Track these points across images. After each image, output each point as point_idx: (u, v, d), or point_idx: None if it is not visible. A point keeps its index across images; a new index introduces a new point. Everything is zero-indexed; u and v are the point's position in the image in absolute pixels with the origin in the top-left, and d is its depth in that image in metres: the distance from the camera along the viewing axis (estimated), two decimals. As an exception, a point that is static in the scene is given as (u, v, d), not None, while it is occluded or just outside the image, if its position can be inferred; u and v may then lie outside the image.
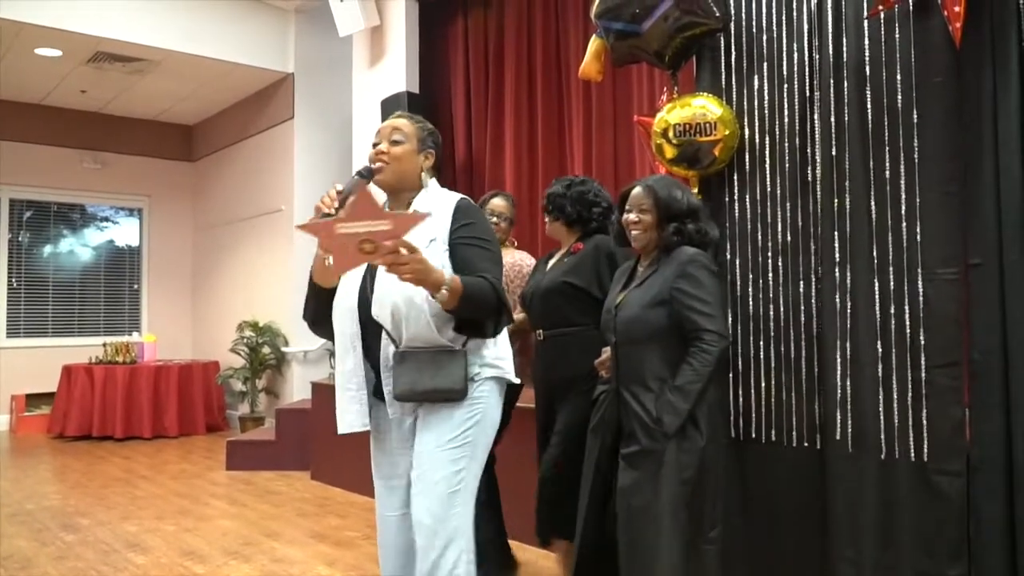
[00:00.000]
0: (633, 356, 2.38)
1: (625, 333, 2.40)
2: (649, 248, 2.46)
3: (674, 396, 2.25)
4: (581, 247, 2.96)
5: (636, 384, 2.36)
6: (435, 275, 1.82)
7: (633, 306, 2.38)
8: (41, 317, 8.24)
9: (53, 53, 6.48)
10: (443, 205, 2.09)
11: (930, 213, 2.37)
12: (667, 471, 2.25)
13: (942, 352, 2.33)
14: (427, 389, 1.98)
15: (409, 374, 1.98)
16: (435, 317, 1.95)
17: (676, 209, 2.40)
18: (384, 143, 2.13)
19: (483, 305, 1.93)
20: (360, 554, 3.83)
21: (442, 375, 1.97)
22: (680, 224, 2.40)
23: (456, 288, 1.85)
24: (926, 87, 2.38)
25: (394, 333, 2.01)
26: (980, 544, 2.24)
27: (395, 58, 5.85)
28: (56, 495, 5.11)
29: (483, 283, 1.93)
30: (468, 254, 2.01)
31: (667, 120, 2.82)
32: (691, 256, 2.34)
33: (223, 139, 8.30)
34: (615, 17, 2.86)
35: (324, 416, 5.46)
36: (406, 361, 1.99)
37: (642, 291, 2.39)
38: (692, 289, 2.29)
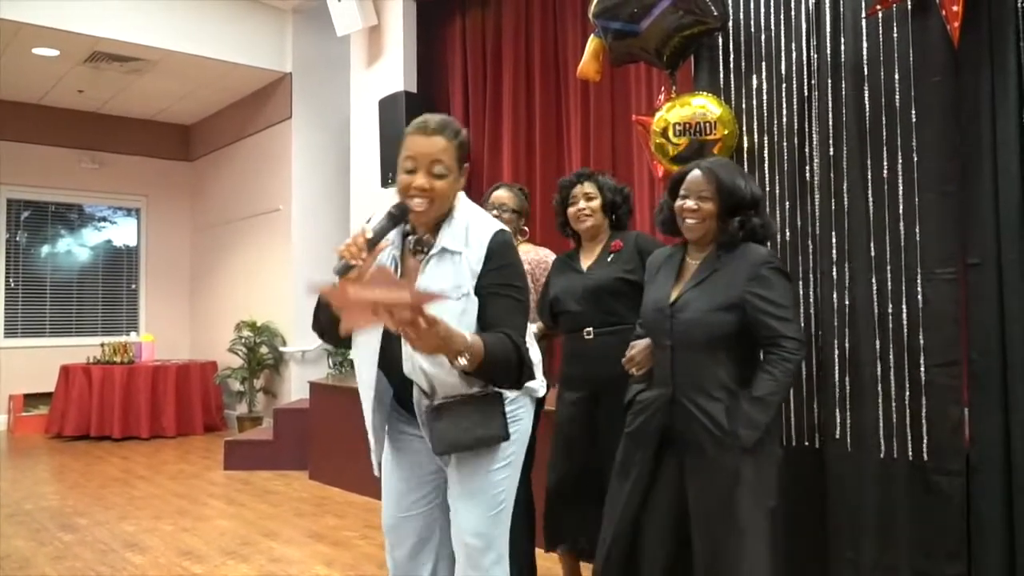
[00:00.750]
0: (693, 362, 2.16)
1: (686, 337, 2.17)
2: (705, 240, 2.23)
3: (753, 408, 2.07)
4: (621, 244, 2.83)
5: (697, 392, 2.14)
6: (455, 343, 1.64)
7: (695, 308, 2.16)
8: (39, 317, 8.23)
9: (51, 53, 6.47)
10: (477, 239, 1.87)
11: (928, 213, 2.37)
12: (746, 489, 2.08)
13: (941, 351, 2.34)
14: (473, 440, 1.88)
15: (450, 430, 1.87)
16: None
17: (739, 199, 2.17)
18: (422, 176, 1.80)
19: (504, 367, 1.78)
20: (358, 554, 3.82)
21: (483, 425, 1.87)
22: (745, 217, 2.18)
23: (477, 353, 1.69)
24: (924, 87, 2.38)
25: (427, 389, 1.89)
26: (979, 543, 2.25)
27: (393, 58, 5.85)
28: (54, 495, 5.11)
29: (506, 344, 1.77)
30: (496, 308, 1.83)
31: (667, 119, 2.82)
32: (764, 257, 2.15)
33: (221, 139, 8.29)
34: (613, 17, 2.87)
35: (322, 416, 5.48)
36: (443, 417, 1.87)
37: (705, 292, 2.16)
38: (768, 293, 2.10)
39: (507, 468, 1.99)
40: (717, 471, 2.10)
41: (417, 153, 1.82)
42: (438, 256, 1.87)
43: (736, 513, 2.08)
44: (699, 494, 2.14)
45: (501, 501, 1.98)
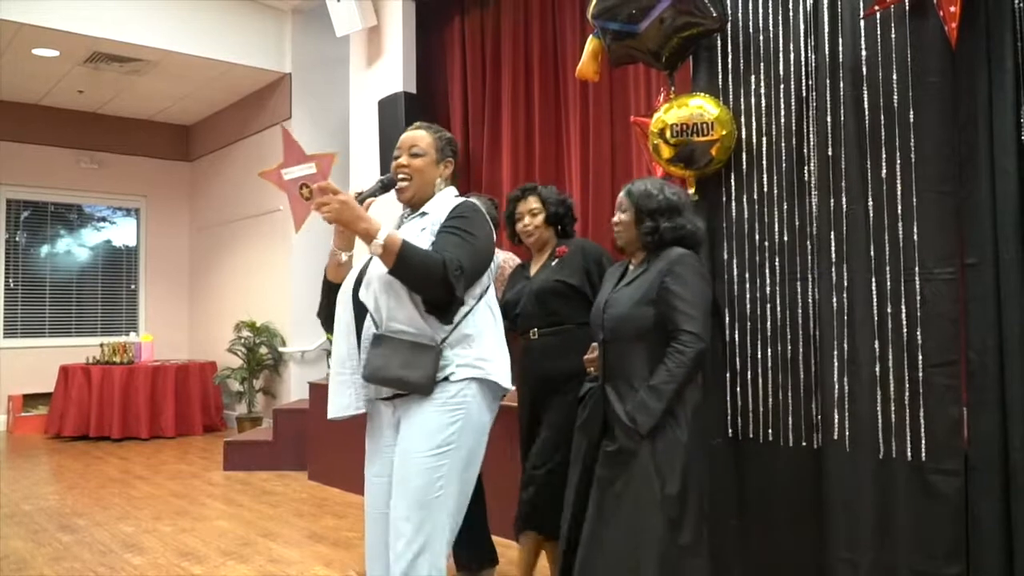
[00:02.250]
0: (620, 354, 2.39)
1: (613, 331, 2.40)
2: (632, 247, 2.49)
3: (647, 395, 2.25)
4: (566, 250, 3.02)
5: (622, 382, 2.36)
6: (364, 223, 1.90)
7: (622, 304, 2.39)
8: (38, 317, 8.23)
9: (50, 53, 6.47)
10: (445, 206, 2.15)
11: (926, 213, 2.37)
12: (640, 471, 2.24)
13: (939, 351, 2.34)
14: (393, 377, 1.99)
15: (380, 358, 2.00)
16: (413, 299, 1.99)
17: (649, 207, 2.41)
18: (404, 156, 2.18)
19: (423, 274, 1.94)
20: (357, 554, 3.82)
21: (411, 367, 1.97)
22: (653, 222, 2.40)
23: (393, 245, 1.89)
24: (922, 87, 2.38)
25: (376, 315, 2.06)
26: (977, 543, 2.25)
27: (392, 58, 5.85)
28: (53, 495, 5.11)
29: (432, 255, 1.95)
30: (440, 239, 2.03)
31: (664, 120, 2.82)
32: (679, 256, 2.36)
33: (220, 139, 8.29)
34: (612, 17, 2.87)
35: (321, 416, 5.43)
36: (381, 345, 2.02)
37: (631, 289, 2.40)
38: (676, 287, 2.30)
39: (448, 454, 1.99)
40: (620, 455, 2.30)
41: (400, 142, 2.22)
42: (417, 217, 2.17)
43: (622, 494, 2.26)
44: (603, 474, 2.34)
45: (439, 488, 1.98)
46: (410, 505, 1.97)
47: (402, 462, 2.02)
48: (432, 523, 1.97)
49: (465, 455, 2.04)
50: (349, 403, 2.10)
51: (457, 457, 2.01)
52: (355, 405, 2.11)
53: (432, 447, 1.99)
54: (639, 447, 2.26)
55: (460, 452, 2.02)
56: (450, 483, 2.00)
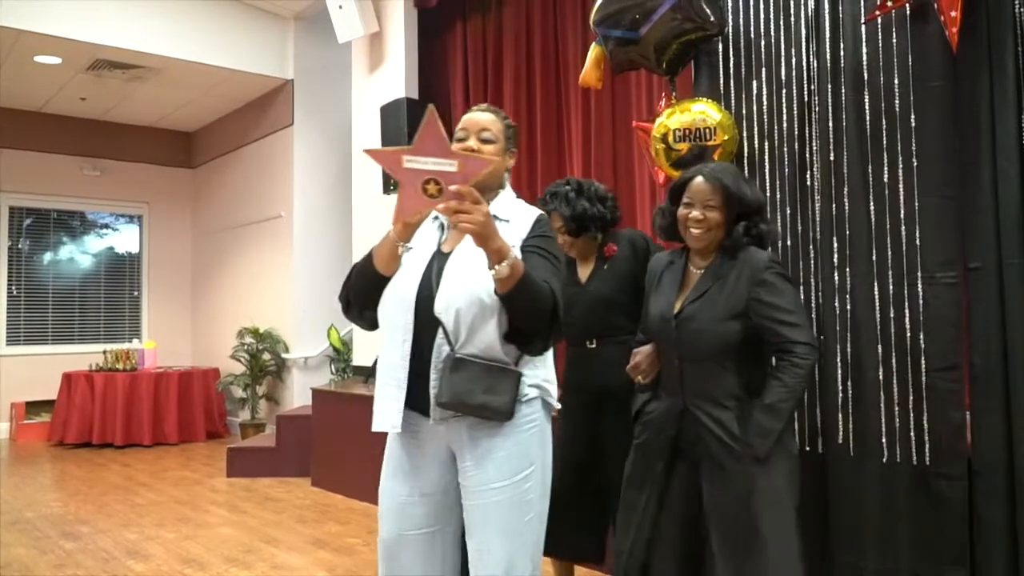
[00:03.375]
0: (702, 372, 2.14)
1: (692, 348, 2.14)
2: (710, 248, 2.20)
3: (764, 416, 2.03)
4: (615, 249, 2.84)
5: (707, 402, 2.13)
6: (500, 242, 1.68)
7: (701, 318, 2.13)
8: (41, 324, 8.24)
9: (52, 61, 6.49)
10: (524, 214, 1.98)
11: (929, 217, 2.37)
12: (764, 498, 2.05)
13: (942, 356, 2.34)
14: (477, 404, 1.83)
15: (462, 384, 1.83)
16: (499, 327, 1.83)
17: (746, 206, 2.15)
18: (473, 140, 1.95)
19: (539, 304, 1.78)
20: (360, 561, 3.82)
21: (494, 392, 1.83)
22: (751, 223, 2.15)
23: (518, 270, 1.71)
24: (924, 91, 2.39)
25: (452, 335, 1.85)
26: (981, 548, 2.24)
27: (394, 64, 5.86)
28: (56, 503, 5.10)
29: (544, 286, 1.79)
30: (537, 262, 1.85)
31: (667, 125, 2.82)
32: (766, 262, 2.11)
33: (223, 146, 8.31)
34: (614, 24, 2.87)
35: (325, 423, 5.48)
36: (460, 370, 1.84)
37: (709, 301, 2.13)
38: (773, 299, 2.07)
39: (530, 478, 1.90)
40: (732, 482, 2.08)
41: (468, 124, 2.00)
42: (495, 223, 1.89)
43: (756, 524, 2.05)
44: (716, 506, 2.11)
45: (528, 513, 1.89)
46: (503, 535, 1.87)
47: (488, 492, 1.88)
48: (525, 549, 1.90)
49: (542, 475, 1.96)
50: (394, 418, 1.90)
51: (537, 479, 1.93)
52: (398, 421, 1.91)
53: (515, 473, 1.89)
54: (755, 471, 2.05)
55: (538, 473, 1.94)
56: (535, 506, 1.93)
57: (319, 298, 6.86)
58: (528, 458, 1.91)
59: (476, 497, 1.90)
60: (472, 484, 1.90)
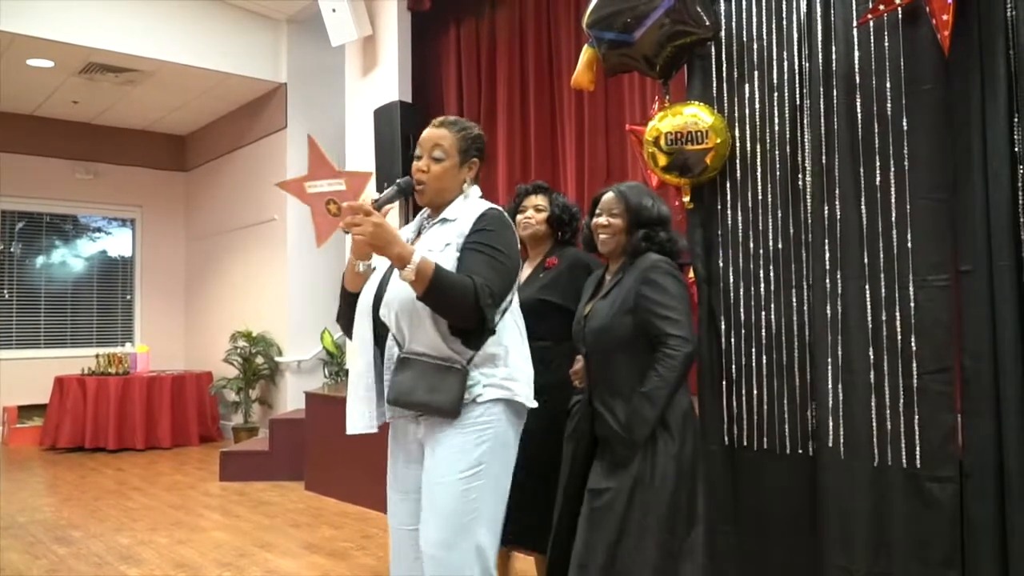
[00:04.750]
0: (604, 365, 2.36)
1: (594, 343, 2.37)
2: (616, 253, 2.44)
3: (641, 403, 2.22)
4: (556, 262, 2.92)
5: (608, 394, 2.33)
6: (398, 248, 1.79)
7: (601, 316, 2.35)
8: (33, 328, 8.21)
9: (45, 64, 6.48)
10: (471, 212, 2.04)
11: (920, 220, 2.38)
12: (632, 480, 2.23)
13: (933, 358, 2.34)
14: (420, 402, 1.93)
15: (406, 382, 1.94)
16: (436, 324, 1.90)
17: (646, 216, 2.38)
18: (424, 159, 2.06)
19: (455, 301, 1.85)
20: (354, 565, 3.81)
21: (438, 391, 1.91)
22: (650, 231, 2.36)
23: (426, 271, 1.79)
24: (915, 95, 2.40)
25: (398, 336, 1.98)
26: (973, 550, 2.25)
27: (388, 68, 5.87)
28: (48, 507, 5.08)
29: (464, 281, 1.86)
30: (468, 258, 1.94)
31: (659, 128, 2.83)
32: (654, 262, 2.31)
33: (216, 149, 8.29)
34: (607, 27, 2.88)
35: (318, 426, 5.47)
36: (406, 369, 1.95)
37: (609, 300, 2.36)
38: (655, 295, 2.26)
39: (479, 475, 1.94)
40: (617, 465, 2.27)
41: (422, 141, 2.09)
42: (439, 224, 2.06)
43: (625, 508, 2.23)
44: (597, 484, 2.31)
45: (472, 511, 1.93)
46: (443, 529, 1.92)
47: (431, 487, 1.96)
48: (467, 546, 1.92)
49: (495, 476, 1.98)
50: (366, 420, 2.02)
51: (487, 478, 1.96)
52: (372, 423, 2.03)
53: (461, 470, 1.93)
54: (634, 456, 2.24)
55: (490, 473, 1.97)
56: (483, 504, 1.95)
57: (312, 302, 6.86)
58: (477, 458, 1.95)
59: (424, 486, 1.99)
60: (425, 479, 1.99)
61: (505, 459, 2.02)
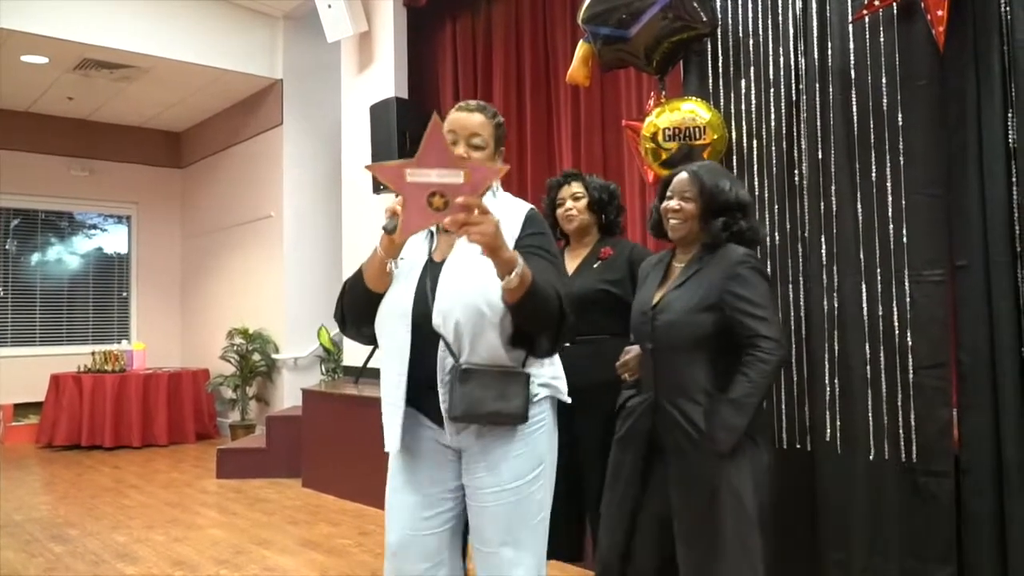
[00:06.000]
0: (674, 364, 2.15)
1: (666, 339, 2.15)
2: (688, 240, 2.23)
3: (728, 411, 2.03)
4: (611, 252, 2.80)
5: (679, 395, 2.13)
6: (509, 252, 1.66)
7: (675, 309, 2.14)
8: (29, 326, 8.18)
9: (39, 60, 6.45)
10: (514, 212, 1.93)
11: (915, 215, 2.39)
12: (728, 496, 2.04)
13: (929, 353, 2.35)
14: (490, 412, 1.81)
15: (472, 394, 1.80)
16: (500, 332, 1.80)
17: (722, 201, 2.16)
18: (462, 146, 1.90)
19: (547, 310, 1.76)
20: (352, 562, 3.81)
21: (506, 398, 1.81)
22: (729, 219, 2.16)
23: (527, 278, 1.68)
24: (910, 90, 2.40)
25: (454, 346, 1.82)
26: (969, 544, 2.26)
27: (384, 64, 5.85)
28: (45, 505, 5.08)
29: (551, 288, 1.76)
30: (538, 264, 1.80)
31: (656, 124, 2.83)
32: (741, 256, 2.12)
33: (212, 146, 8.27)
34: (603, 22, 2.88)
35: (315, 423, 5.47)
36: (469, 380, 1.81)
37: (686, 292, 2.14)
38: (745, 292, 2.07)
39: (540, 476, 1.90)
40: (698, 477, 2.08)
41: (457, 127, 1.91)
42: None
43: (717, 523, 2.05)
44: (681, 501, 2.12)
45: (540, 511, 1.90)
46: (516, 534, 1.87)
47: (501, 493, 1.87)
48: (540, 546, 1.91)
49: (550, 473, 1.95)
50: (397, 438, 1.90)
51: (546, 476, 1.93)
52: (399, 440, 1.91)
53: (526, 473, 1.88)
54: (720, 467, 2.05)
55: (548, 471, 1.94)
56: (545, 502, 1.93)
57: (309, 298, 6.85)
58: (538, 458, 1.90)
59: (486, 499, 1.88)
60: (483, 486, 1.88)
61: (555, 456, 1.99)
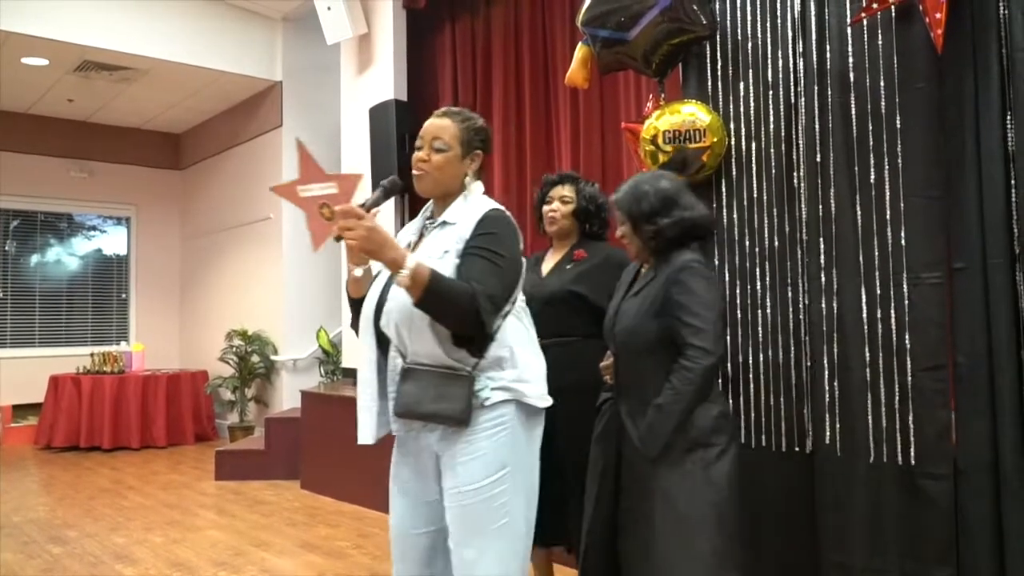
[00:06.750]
0: (632, 368, 2.25)
1: (624, 344, 2.26)
2: (642, 256, 2.32)
3: (654, 416, 2.11)
4: (585, 255, 2.85)
5: (634, 398, 2.22)
6: (392, 253, 1.74)
7: (629, 316, 2.24)
8: (28, 327, 8.19)
9: (40, 62, 6.46)
10: (472, 214, 1.96)
11: (914, 218, 2.39)
12: (659, 500, 2.10)
13: (928, 356, 2.35)
14: (427, 412, 1.88)
15: (412, 393, 1.88)
16: (436, 332, 1.85)
17: (641, 211, 2.23)
18: (425, 149, 1.98)
19: (453, 308, 1.80)
20: (351, 564, 3.81)
21: (444, 399, 1.85)
22: (652, 224, 2.22)
23: (421, 277, 1.74)
24: (909, 93, 2.40)
25: (399, 346, 1.94)
26: (967, 547, 2.25)
27: (383, 66, 5.86)
28: (43, 507, 5.07)
29: (463, 287, 1.80)
30: (468, 264, 1.87)
31: (656, 127, 2.83)
32: (684, 263, 2.18)
33: (211, 147, 8.28)
34: (601, 25, 2.88)
35: (314, 425, 5.46)
36: (410, 379, 1.90)
37: (639, 299, 2.24)
38: (682, 299, 2.13)
39: (502, 480, 1.89)
40: (637, 478, 2.19)
41: (424, 131, 2.02)
42: (439, 228, 1.99)
43: (651, 527, 2.11)
44: (625, 503, 2.24)
45: (502, 515, 1.89)
46: (475, 537, 1.88)
47: (456, 497, 1.91)
48: (507, 551, 1.90)
49: (519, 478, 1.94)
50: (375, 429, 1.98)
51: (513, 481, 1.92)
52: (378, 432, 1.99)
53: (483, 477, 1.88)
54: (653, 470, 2.12)
55: (515, 475, 1.93)
56: (512, 508, 1.91)
57: (308, 300, 6.85)
58: (500, 462, 1.90)
59: (449, 500, 1.93)
60: (447, 487, 1.94)
61: (526, 461, 1.97)
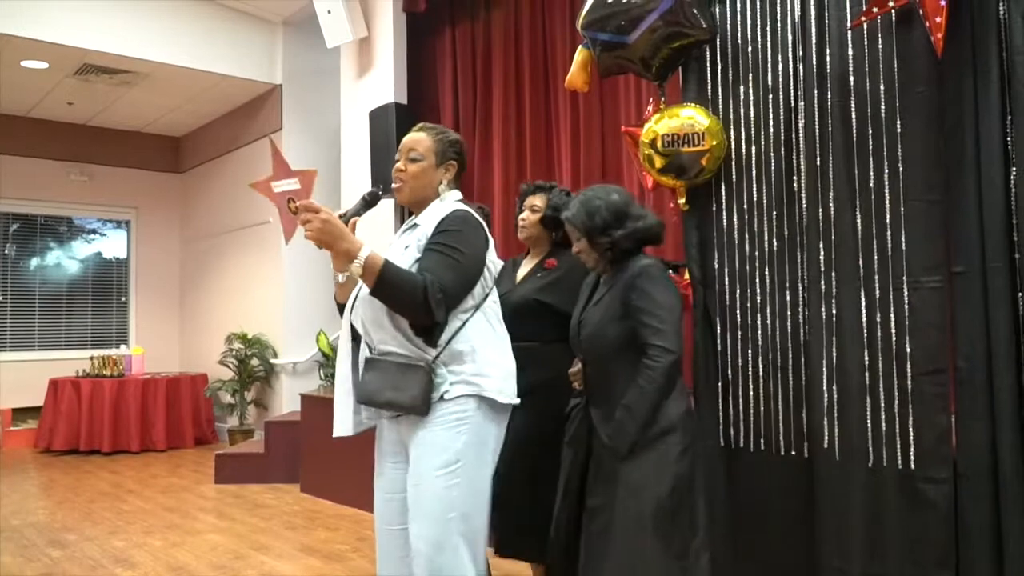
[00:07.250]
0: (599, 373, 2.35)
1: (589, 351, 2.36)
2: (600, 267, 2.42)
3: (622, 416, 2.20)
4: (555, 263, 2.91)
5: (603, 401, 2.31)
6: (346, 243, 1.86)
7: (592, 323, 2.35)
8: (28, 330, 8.18)
9: (40, 65, 6.46)
10: (436, 216, 2.09)
11: (914, 221, 2.39)
12: (625, 491, 2.19)
13: (927, 359, 2.35)
14: (385, 400, 2.00)
15: (372, 383, 2.02)
16: (395, 323, 1.98)
17: (595, 225, 2.33)
18: (402, 161, 2.16)
19: (403, 296, 1.91)
20: (350, 567, 3.81)
21: (400, 389, 1.96)
22: (607, 237, 2.32)
23: (373, 266, 1.86)
24: (909, 97, 2.40)
25: (366, 338, 2.07)
26: (967, 551, 2.25)
27: (383, 69, 5.86)
28: (43, 510, 5.07)
29: (414, 277, 1.92)
30: (425, 257, 2.00)
31: (655, 131, 2.83)
32: (641, 267, 2.28)
33: (211, 151, 8.28)
34: (602, 28, 2.88)
35: (314, 428, 5.46)
36: (372, 369, 2.03)
37: (600, 307, 2.35)
38: (640, 302, 2.23)
39: (456, 472, 1.97)
40: (607, 477, 2.26)
41: (401, 145, 2.20)
42: (410, 229, 2.14)
43: (611, 510, 2.21)
44: (591, 500, 2.32)
45: (453, 507, 1.96)
46: (428, 527, 1.96)
47: (415, 484, 2.00)
48: (452, 543, 1.96)
49: (472, 471, 2.00)
50: (349, 423, 2.10)
51: (464, 475, 1.98)
52: (354, 425, 2.11)
53: (438, 467, 1.97)
54: (621, 467, 2.21)
55: (467, 469, 1.99)
56: (464, 500, 1.98)
57: (308, 303, 6.84)
58: (453, 454, 1.98)
59: (410, 490, 2.03)
60: (408, 476, 2.04)
61: (483, 455, 2.04)
